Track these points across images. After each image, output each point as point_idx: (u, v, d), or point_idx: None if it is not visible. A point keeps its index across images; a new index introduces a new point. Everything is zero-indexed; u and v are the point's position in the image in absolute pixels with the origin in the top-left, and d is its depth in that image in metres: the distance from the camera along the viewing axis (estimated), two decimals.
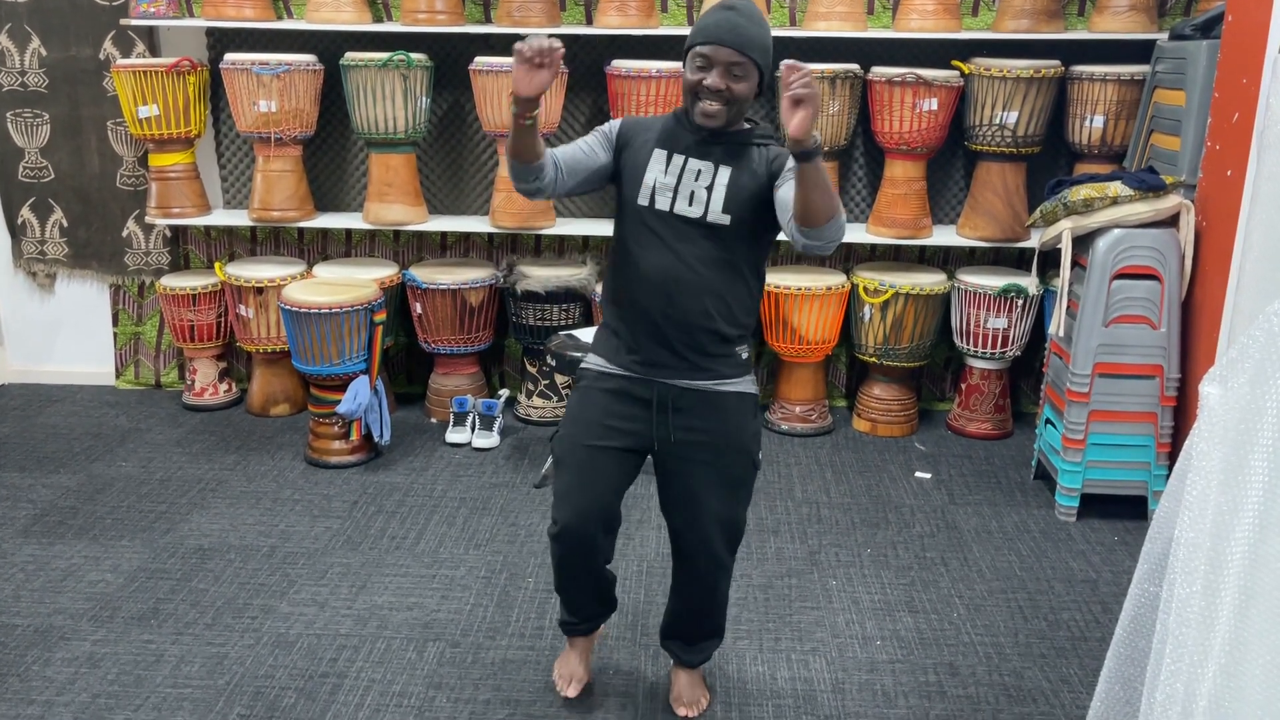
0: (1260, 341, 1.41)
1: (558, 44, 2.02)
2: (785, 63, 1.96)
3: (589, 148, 2.27)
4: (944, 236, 4.16)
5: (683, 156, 2.19)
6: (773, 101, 4.18)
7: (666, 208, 2.19)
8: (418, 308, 4.17)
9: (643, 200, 2.21)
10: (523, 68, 2.02)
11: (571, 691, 2.49)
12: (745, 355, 2.29)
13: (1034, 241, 4.00)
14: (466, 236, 4.45)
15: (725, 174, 2.17)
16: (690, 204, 2.17)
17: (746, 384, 2.30)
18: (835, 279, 4.11)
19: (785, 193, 2.12)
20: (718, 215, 2.17)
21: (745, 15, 2.11)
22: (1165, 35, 3.74)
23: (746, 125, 2.23)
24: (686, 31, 3.99)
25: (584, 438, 2.26)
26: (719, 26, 2.09)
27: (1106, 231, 3.34)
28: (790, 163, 2.13)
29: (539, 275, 4.10)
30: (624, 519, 3.39)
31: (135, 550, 3.19)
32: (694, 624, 2.45)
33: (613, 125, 2.30)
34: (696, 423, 2.24)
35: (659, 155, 2.21)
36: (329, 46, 4.21)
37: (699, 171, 2.18)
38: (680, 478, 2.28)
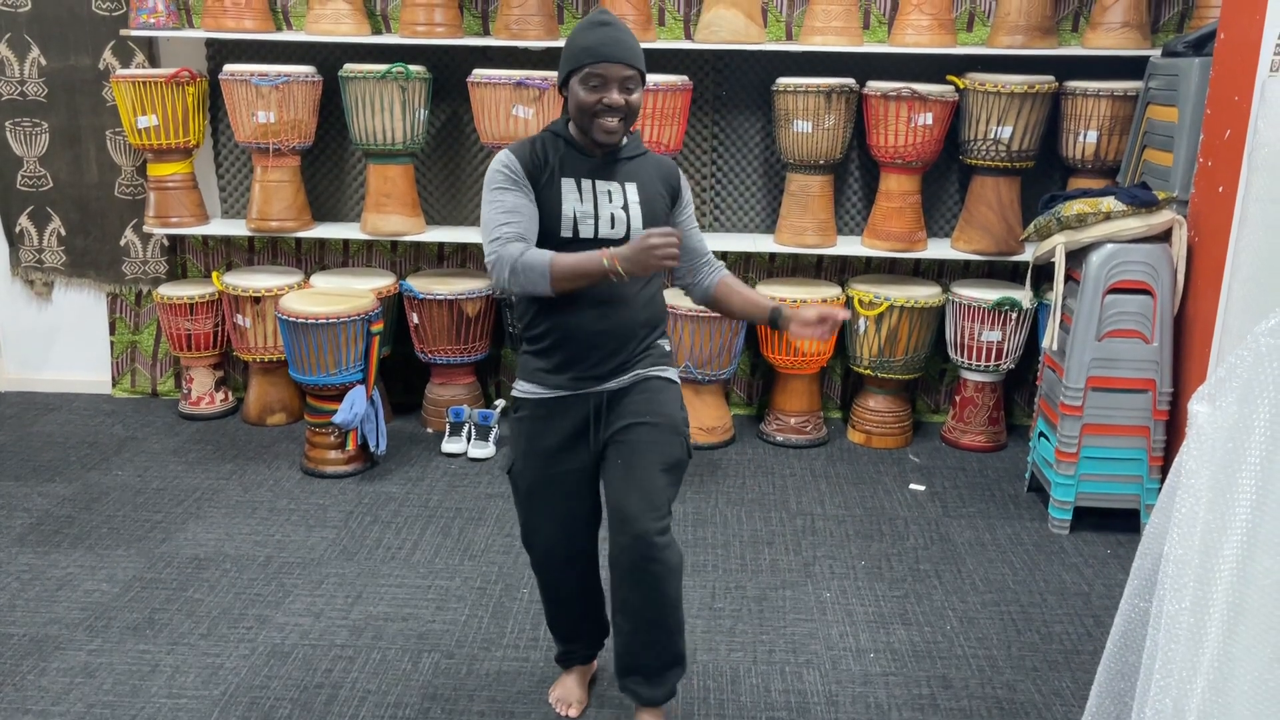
0: (1248, 361, 1.43)
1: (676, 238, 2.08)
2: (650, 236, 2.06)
3: (525, 207, 2.18)
4: (938, 250, 4.19)
5: (590, 181, 2.22)
6: (768, 115, 4.21)
7: (591, 234, 2.21)
8: (414, 318, 4.18)
9: (566, 233, 2.20)
10: (662, 260, 2.06)
11: (573, 713, 2.48)
12: (668, 347, 2.37)
13: (1028, 255, 4.03)
14: (463, 247, 4.47)
15: (633, 190, 2.24)
16: (612, 226, 2.22)
17: (672, 373, 2.36)
18: (830, 291, 4.13)
19: (690, 238, 2.36)
20: (639, 231, 2.21)
21: (620, 29, 2.17)
22: (1158, 52, 3.77)
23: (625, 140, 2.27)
24: (684, 45, 4.04)
25: (538, 468, 2.31)
26: (604, 45, 2.14)
27: (1100, 246, 3.36)
28: (683, 189, 2.36)
29: None
30: None
31: (131, 559, 3.19)
32: (651, 644, 2.28)
33: (509, 164, 2.20)
34: (631, 408, 2.26)
35: (569, 185, 2.21)
36: (328, 58, 4.23)
37: (609, 193, 2.23)
38: (620, 458, 2.23)
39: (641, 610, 2.23)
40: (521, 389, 2.32)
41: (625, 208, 2.22)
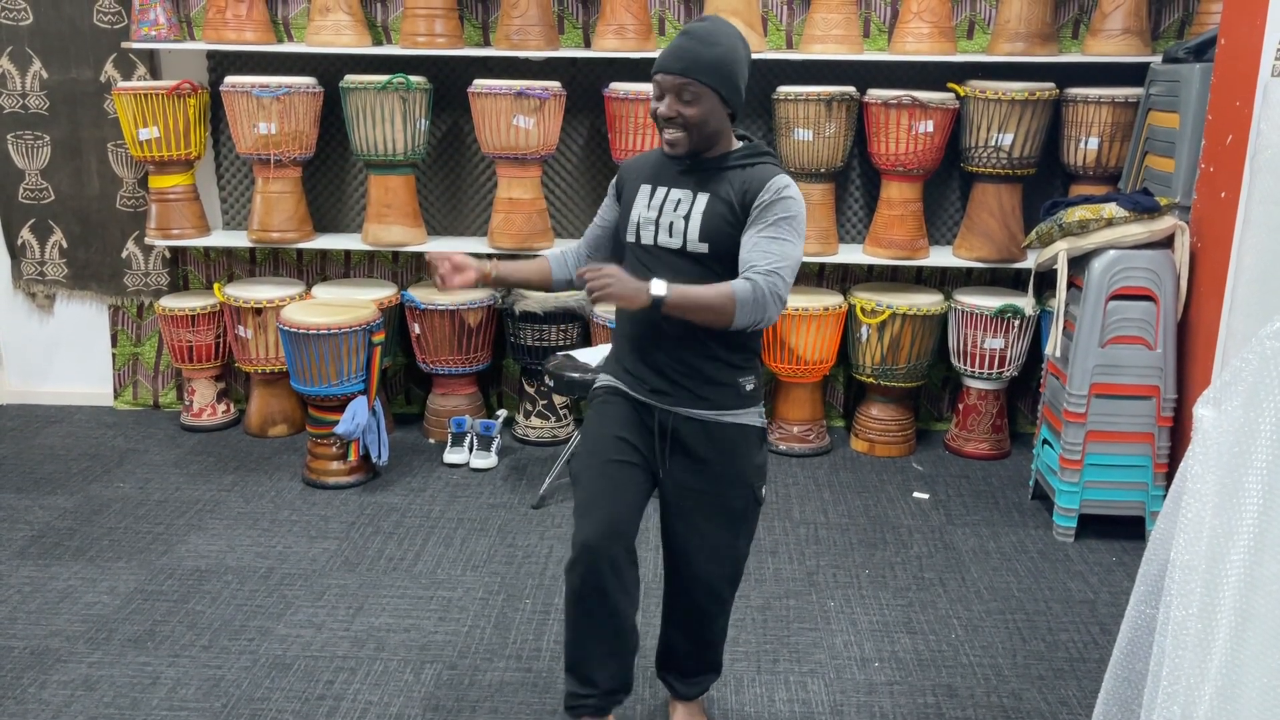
0: (1253, 365, 1.42)
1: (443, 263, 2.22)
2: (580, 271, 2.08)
3: (602, 216, 2.39)
4: (940, 257, 4.18)
5: (665, 188, 2.21)
6: (769, 124, 4.21)
7: (650, 241, 2.19)
8: (416, 328, 4.18)
9: (630, 237, 2.24)
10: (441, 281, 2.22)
11: None
12: (750, 387, 2.22)
13: (1030, 262, 4.02)
14: None
15: (702, 201, 2.15)
16: (670, 235, 2.17)
17: (751, 416, 2.23)
18: (832, 300, 4.12)
19: (749, 247, 2.09)
20: (695, 244, 2.14)
21: (698, 38, 2.10)
22: (1159, 58, 3.76)
23: (736, 146, 2.19)
24: None
25: (601, 453, 2.21)
26: (667, 54, 2.12)
27: (1102, 253, 3.36)
28: (764, 197, 2.10)
29: (537, 296, 4.12)
30: None
31: (132, 572, 3.18)
32: (690, 658, 2.42)
33: (618, 173, 2.34)
34: (697, 452, 2.20)
35: (644, 191, 2.23)
36: (329, 69, 4.23)
37: (678, 201, 2.17)
38: (679, 509, 2.25)
39: (694, 633, 2.39)
40: (602, 379, 2.35)
41: (687, 217, 2.15)
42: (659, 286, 2.01)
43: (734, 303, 2.02)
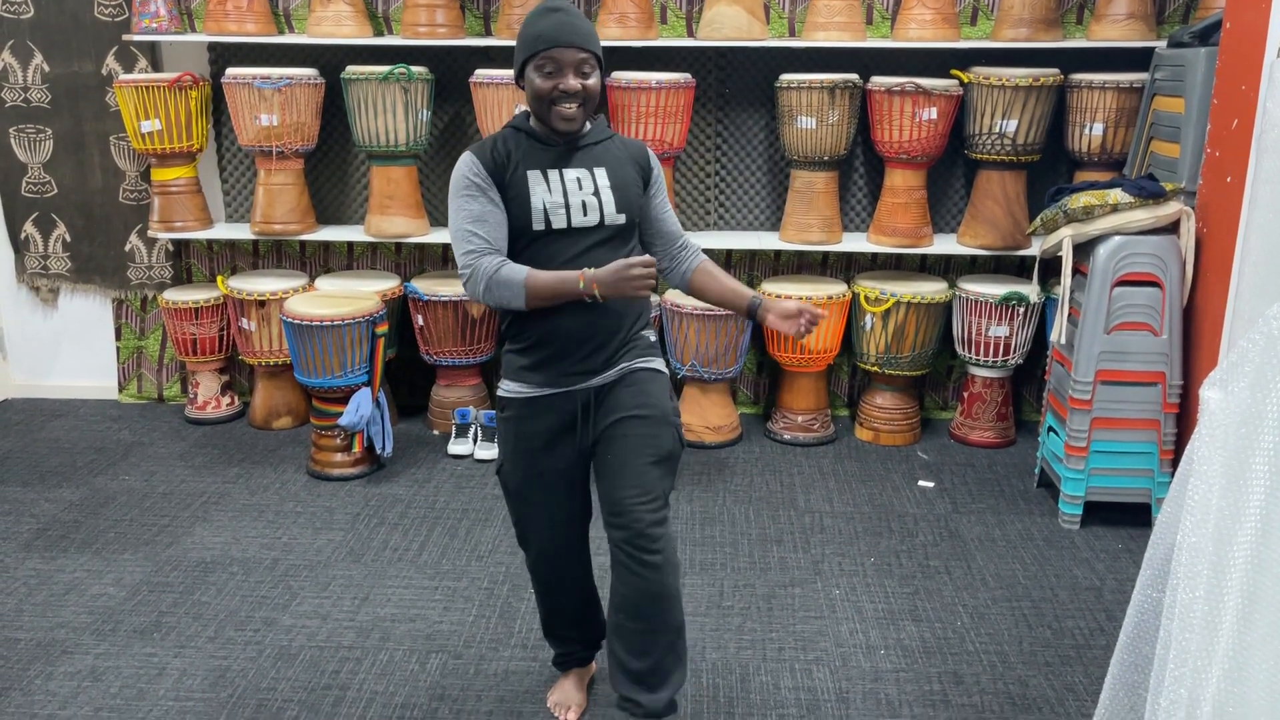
0: (1260, 345, 1.41)
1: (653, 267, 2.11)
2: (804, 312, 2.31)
3: (492, 214, 2.16)
4: (945, 245, 4.17)
5: (556, 170, 2.18)
6: (772, 112, 4.20)
7: (564, 225, 2.17)
8: (419, 319, 4.18)
9: (538, 225, 2.16)
10: (639, 290, 2.10)
11: (572, 716, 2.47)
12: (653, 338, 2.34)
13: (1035, 249, 4.01)
14: None
15: (603, 175, 2.20)
16: (585, 214, 2.18)
17: (658, 363, 2.32)
18: (836, 288, 4.11)
19: (665, 220, 2.35)
20: (614, 216, 2.20)
21: (572, 13, 2.15)
22: (1164, 43, 3.74)
23: (589, 125, 2.25)
24: (686, 42, 4.03)
25: (526, 466, 2.28)
26: (558, 29, 2.11)
27: (1107, 239, 3.34)
28: (656, 170, 2.31)
29: None
30: None
31: (138, 564, 3.19)
32: (651, 644, 2.20)
33: (471, 167, 2.16)
34: (619, 401, 2.23)
35: (535, 176, 2.16)
36: (330, 60, 4.23)
37: (579, 180, 2.18)
38: (612, 452, 2.21)
39: (639, 605, 2.17)
40: (507, 388, 2.28)
41: (596, 193, 2.18)
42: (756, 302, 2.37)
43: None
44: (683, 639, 2.26)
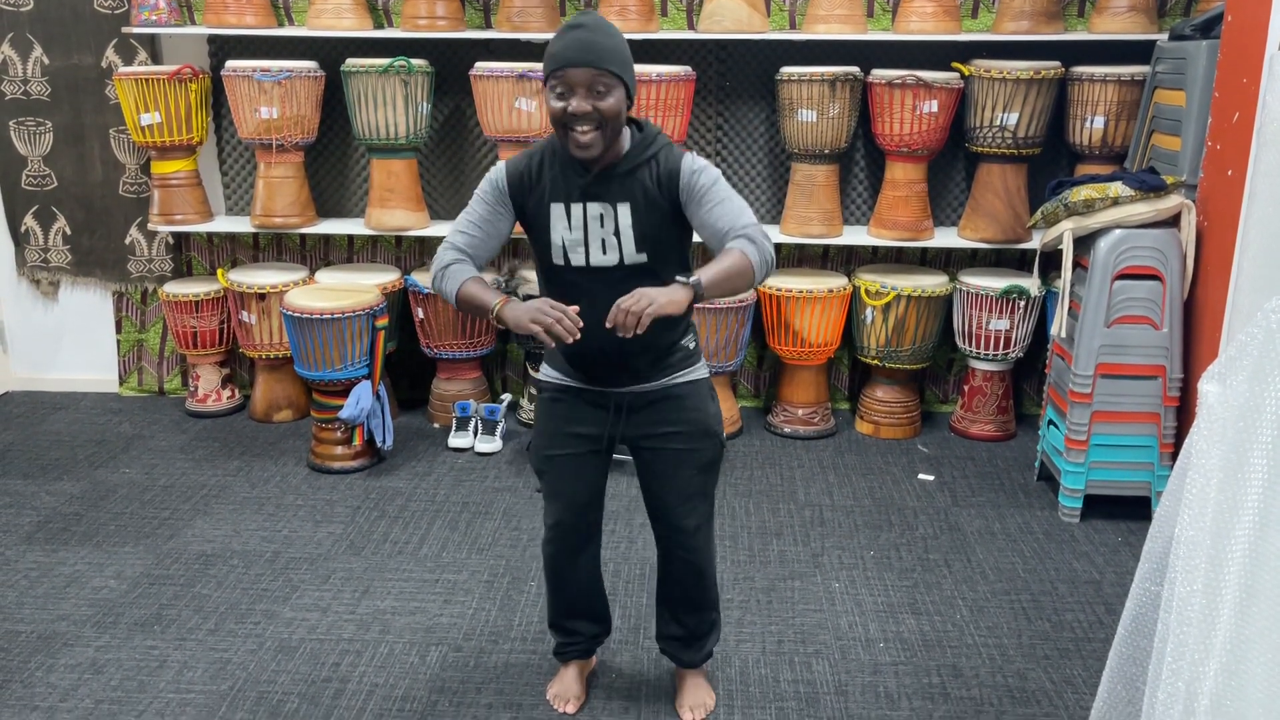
0: (1258, 339, 1.41)
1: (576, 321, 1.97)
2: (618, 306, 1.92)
3: (488, 224, 2.20)
4: (945, 238, 4.16)
5: (580, 204, 2.11)
6: (772, 105, 4.19)
7: (582, 263, 2.14)
8: (420, 313, 4.18)
9: (557, 260, 2.16)
10: (541, 333, 1.97)
11: (570, 709, 2.48)
12: (693, 345, 2.29)
13: (1035, 243, 4.00)
14: None
15: (625, 212, 2.10)
16: (604, 253, 2.13)
17: (699, 370, 2.31)
18: (837, 281, 4.11)
19: (713, 221, 2.08)
20: (634, 256, 2.13)
21: (593, 29, 2.03)
22: (1165, 36, 3.74)
23: (627, 141, 2.13)
24: (686, 35, 4.02)
25: (552, 448, 2.33)
26: (569, 48, 2.01)
27: (1108, 232, 3.34)
28: (686, 183, 2.09)
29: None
30: (627, 522, 3.40)
31: (139, 556, 3.19)
32: (687, 618, 2.45)
33: (497, 178, 2.18)
34: (659, 416, 2.26)
35: (557, 210, 2.13)
36: (330, 53, 4.22)
37: (600, 216, 2.11)
38: (655, 465, 2.32)
39: (678, 588, 2.42)
40: (545, 372, 2.34)
41: (617, 232, 2.11)
42: (690, 283, 1.99)
43: (749, 261, 2.04)
44: (717, 610, 2.49)
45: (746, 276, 2.05)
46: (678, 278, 2.01)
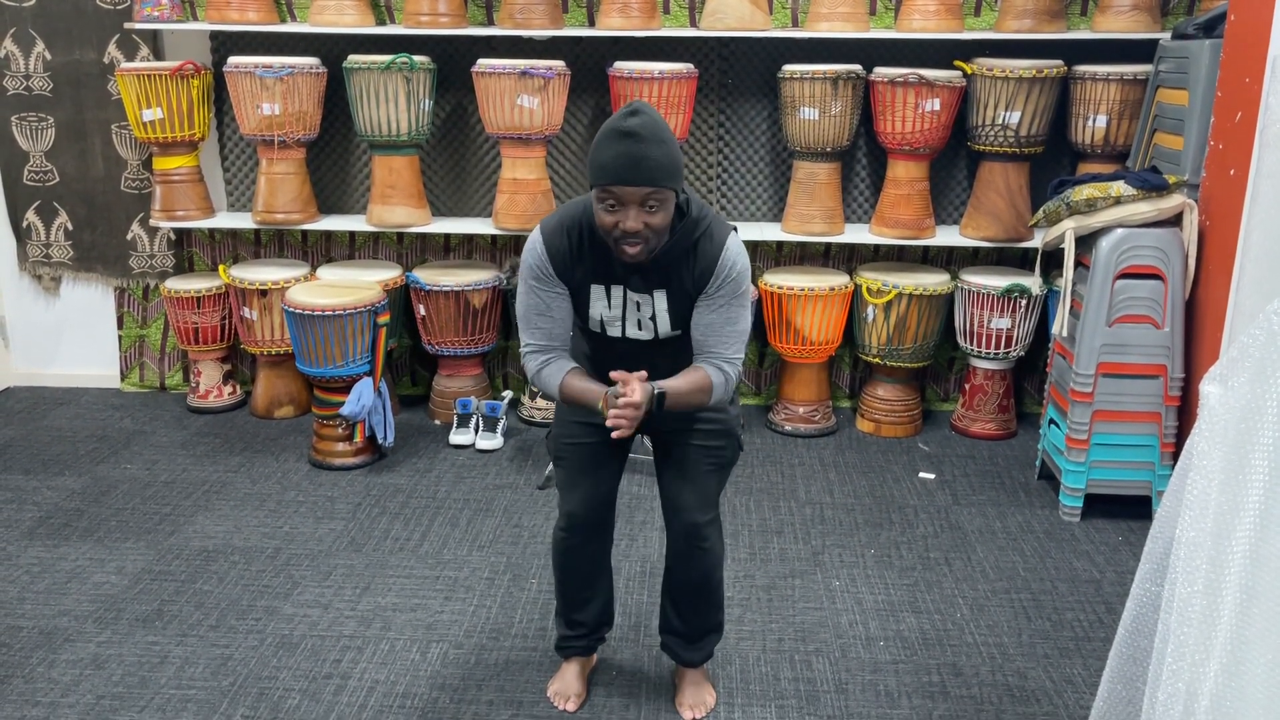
0: (1260, 340, 1.41)
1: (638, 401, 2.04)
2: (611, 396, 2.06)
3: (553, 309, 2.20)
4: (947, 237, 4.16)
5: (620, 288, 2.17)
6: (774, 103, 4.19)
7: (618, 334, 2.24)
8: (421, 309, 4.18)
9: (594, 329, 2.26)
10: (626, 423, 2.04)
11: (571, 706, 2.48)
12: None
13: (1037, 241, 4.00)
14: (470, 238, 4.46)
15: (662, 299, 2.17)
16: (639, 329, 2.22)
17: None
18: (838, 280, 4.11)
19: (706, 327, 2.17)
20: (668, 332, 2.23)
21: (645, 139, 1.96)
22: (1168, 35, 3.73)
23: (670, 232, 2.13)
24: (689, 33, 4.02)
25: (570, 436, 2.38)
26: (621, 164, 1.96)
27: (1110, 231, 3.33)
28: (719, 277, 2.13)
29: None
30: (628, 519, 3.40)
31: (140, 552, 3.20)
32: (691, 614, 2.46)
33: (540, 264, 2.17)
34: (685, 412, 2.27)
35: (598, 291, 2.19)
36: (332, 49, 4.22)
37: (639, 304, 2.19)
38: (676, 459, 2.37)
39: (686, 583, 2.43)
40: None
41: (654, 317, 2.20)
42: (657, 394, 2.08)
43: (711, 390, 2.16)
44: (721, 610, 2.51)
45: (704, 399, 2.16)
46: (655, 385, 2.09)
